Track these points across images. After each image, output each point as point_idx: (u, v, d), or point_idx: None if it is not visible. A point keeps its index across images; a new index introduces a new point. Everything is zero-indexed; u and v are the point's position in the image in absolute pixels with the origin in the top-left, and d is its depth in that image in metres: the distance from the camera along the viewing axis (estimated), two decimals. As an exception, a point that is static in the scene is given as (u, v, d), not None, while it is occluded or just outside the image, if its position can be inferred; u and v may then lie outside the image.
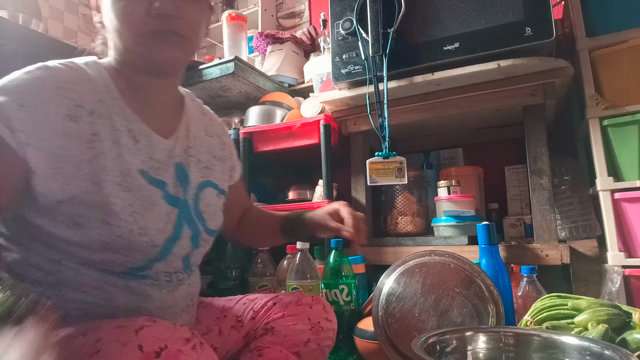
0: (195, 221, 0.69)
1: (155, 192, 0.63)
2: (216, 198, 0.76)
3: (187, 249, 0.68)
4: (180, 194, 0.67)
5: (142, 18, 0.59)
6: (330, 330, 0.82)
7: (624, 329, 0.74)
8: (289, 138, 1.47)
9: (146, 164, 0.63)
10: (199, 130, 0.76)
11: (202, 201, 0.71)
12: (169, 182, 0.65)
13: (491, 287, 0.92)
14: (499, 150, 1.59)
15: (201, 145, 0.75)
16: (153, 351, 0.45)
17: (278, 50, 1.89)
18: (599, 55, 1.16)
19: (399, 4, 1.19)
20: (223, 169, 0.81)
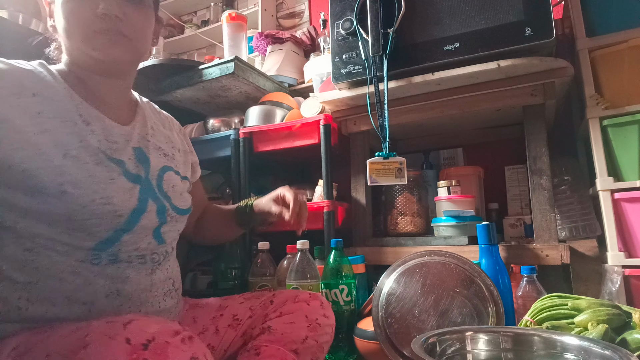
0: (160, 198, 0.73)
1: (114, 167, 0.67)
2: (180, 182, 0.81)
3: (154, 223, 0.71)
4: (142, 173, 0.72)
5: (89, 18, 0.66)
6: (328, 326, 0.82)
7: (624, 329, 0.74)
8: (289, 138, 1.47)
9: (102, 144, 0.68)
10: (156, 123, 0.83)
11: (166, 182, 0.76)
12: (127, 162, 0.70)
13: (491, 287, 0.92)
14: (499, 150, 1.59)
15: (160, 135, 0.81)
16: (140, 343, 0.45)
17: (278, 50, 1.89)
18: (599, 55, 1.16)
19: (399, 4, 1.19)
20: (185, 161, 0.87)
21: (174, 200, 0.76)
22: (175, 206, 0.76)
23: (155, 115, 0.86)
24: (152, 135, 0.78)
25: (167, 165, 0.78)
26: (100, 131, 0.68)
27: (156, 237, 0.72)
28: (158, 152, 0.78)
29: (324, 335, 0.81)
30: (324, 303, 0.85)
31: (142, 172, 0.72)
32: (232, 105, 1.79)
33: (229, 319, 0.81)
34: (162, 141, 0.81)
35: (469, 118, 1.38)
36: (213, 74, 1.55)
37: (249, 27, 1.97)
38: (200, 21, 2.69)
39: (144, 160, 0.73)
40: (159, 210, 0.72)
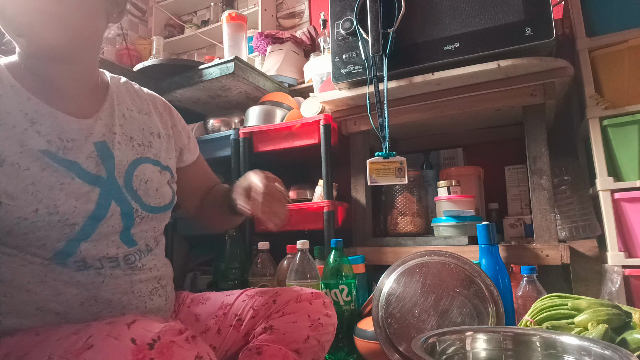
0: (126, 199, 0.68)
1: (64, 171, 0.61)
2: (157, 174, 0.74)
3: (118, 227, 0.66)
4: (104, 172, 0.66)
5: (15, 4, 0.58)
6: (330, 325, 0.82)
7: (624, 329, 0.74)
8: (289, 138, 1.47)
9: (52, 145, 0.62)
10: (130, 109, 0.76)
11: (137, 178, 0.70)
12: (83, 162, 0.64)
13: (491, 287, 0.92)
14: (499, 150, 1.59)
15: (133, 123, 0.74)
16: (146, 343, 0.45)
17: (278, 50, 1.89)
18: (599, 55, 1.16)
19: (399, 4, 1.19)
20: (168, 148, 0.80)
21: (146, 198, 0.71)
22: (147, 205, 0.71)
23: (131, 98, 0.78)
24: (121, 125, 0.72)
25: (140, 157, 0.72)
26: (49, 129, 0.62)
27: (125, 240, 0.68)
28: (128, 144, 0.71)
29: (326, 335, 0.80)
30: (327, 301, 0.84)
31: (103, 171, 0.66)
32: (232, 105, 1.79)
33: (231, 319, 0.80)
34: (135, 129, 0.74)
35: (469, 118, 1.38)
36: (213, 74, 1.55)
37: (249, 27, 1.97)
38: (200, 21, 2.69)
39: (107, 157, 0.67)
40: (124, 213, 0.67)
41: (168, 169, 0.78)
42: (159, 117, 0.81)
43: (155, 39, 2.34)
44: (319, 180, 1.47)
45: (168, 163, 0.79)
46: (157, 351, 0.45)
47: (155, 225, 0.75)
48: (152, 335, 0.46)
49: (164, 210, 0.75)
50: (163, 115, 0.83)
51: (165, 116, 0.84)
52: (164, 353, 0.45)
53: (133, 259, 0.69)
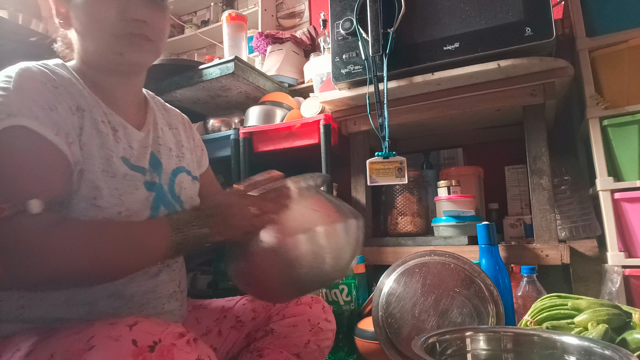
0: (172, 203, 0.72)
1: (137, 177, 0.66)
2: (190, 183, 0.79)
3: None
4: (156, 179, 0.70)
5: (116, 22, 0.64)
6: (330, 331, 0.82)
7: (624, 329, 0.74)
8: (289, 138, 1.47)
9: (127, 152, 0.67)
10: (163, 124, 0.80)
11: (177, 185, 0.75)
12: (146, 169, 0.69)
13: (491, 287, 0.92)
14: (499, 150, 1.59)
15: (169, 135, 0.79)
16: (147, 345, 0.45)
17: (278, 50, 1.89)
18: (599, 55, 1.16)
19: (399, 4, 1.19)
20: (192, 158, 0.85)
21: (185, 204, 0.75)
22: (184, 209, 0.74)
23: (163, 113, 0.84)
24: (162, 137, 0.77)
25: (179, 167, 0.77)
26: (124, 138, 0.67)
27: None
28: (169, 154, 0.76)
29: (325, 340, 0.81)
30: (326, 307, 0.85)
31: (156, 178, 0.70)
32: (232, 105, 1.79)
33: (232, 320, 0.80)
34: (171, 141, 0.79)
35: (469, 118, 1.38)
36: (213, 74, 1.55)
37: (249, 27, 1.97)
38: (200, 21, 2.69)
39: (157, 165, 0.72)
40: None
41: (196, 179, 0.82)
42: (183, 131, 0.86)
43: (155, 39, 2.34)
44: (319, 180, 1.47)
45: (196, 174, 0.83)
46: (157, 354, 0.45)
47: None
48: (153, 338, 0.46)
49: None
50: (186, 130, 0.88)
51: (188, 131, 0.88)
52: (164, 356, 0.45)
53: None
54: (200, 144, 0.92)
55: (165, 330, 0.48)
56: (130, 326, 0.47)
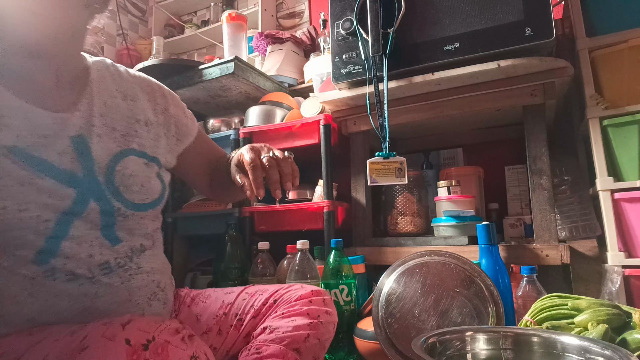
0: (106, 196, 0.64)
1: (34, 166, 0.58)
2: (144, 167, 0.70)
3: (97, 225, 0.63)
4: (79, 169, 0.62)
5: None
6: (330, 323, 0.81)
7: (624, 329, 0.74)
8: (289, 138, 1.47)
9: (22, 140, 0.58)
10: (113, 96, 0.71)
11: (119, 173, 0.66)
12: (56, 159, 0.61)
13: (491, 287, 0.92)
14: (499, 150, 1.59)
15: (116, 112, 0.70)
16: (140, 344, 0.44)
17: (278, 50, 1.89)
18: (599, 55, 1.16)
19: (399, 4, 1.19)
20: (157, 135, 0.75)
21: (130, 195, 0.66)
22: (131, 202, 0.67)
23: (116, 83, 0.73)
24: (102, 115, 0.67)
25: (124, 150, 0.68)
26: (20, 124, 0.59)
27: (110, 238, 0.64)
28: (110, 136, 0.67)
29: (326, 334, 0.80)
30: (327, 299, 0.84)
31: (79, 167, 0.62)
32: (232, 105, 1.79)
33: (232, 319, 0.80)
34: (118, 118, 0.69)
35: (469, 118, 1.38)
36: (213, 74, 1.55)
37: (249, 27, 1.97)
38: (200, 21, 2.69)
39: (84, 152, 0.63)
40: (104, 211, 0.63)
41: (155, 160, 0.73)
42: (148, 101, 0.76)
43: (155, 39, 2.34)
44: (319, 180, 1.47)
45: (156, 153, 0.74)
46: (151, 351, 0.44)
47: (146, 223, 0.71)
48: (147, 336, 0.45)
49: (153, 206, 0.71)
50: (153, 99, 0.77)
51: (158, 99, 0.78)
52: (159, 353, 0.45)
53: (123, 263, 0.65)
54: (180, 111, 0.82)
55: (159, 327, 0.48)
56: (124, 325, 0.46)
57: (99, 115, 0.67)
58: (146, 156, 0.71)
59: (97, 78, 0.70)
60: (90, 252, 0.62)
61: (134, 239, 0.68)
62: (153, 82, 0.81)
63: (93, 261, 0.62)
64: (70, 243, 0.60)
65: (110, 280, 0.63)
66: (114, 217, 0.65)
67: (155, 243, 0.74)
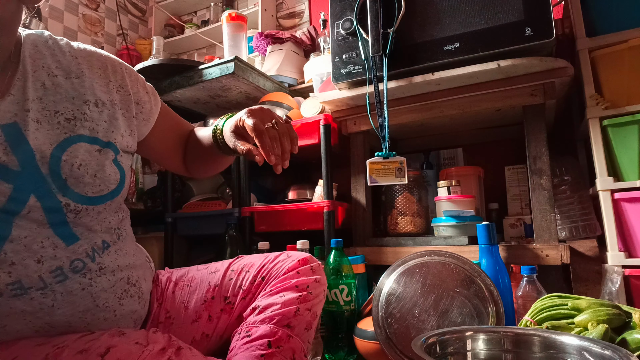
0: (50, 191, 0.56)
1: None
2: (96, 155, 0.61)
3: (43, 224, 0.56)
4: (14, 162, 0.54)
5: None
6: (321, 292, 0.79)
7: (624, 329, 0.74)
8: (289, 138, 1.47)
9: None
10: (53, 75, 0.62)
11: (66, 163, 0.58)
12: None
13: (491, 287, 0.92)
14: (499, 150, 1.59)
15: (57, 93, 0.61)
16: None
17: (278, 50, 1.89)
18: (599, 55, 1.16)
19: (399, 4, 1.19)
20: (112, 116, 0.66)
21: (80, 188, 0.58)
22: (83, 195, 0.59)
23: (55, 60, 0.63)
24: (40, 98, 0.59)
25: (70, 136, 0.59)
26: None
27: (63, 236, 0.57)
28: (52, 121, 0.58)
29: (317, 303, 0.77)
30: (314, 266, 0.81)
31: (14, 160, 0.54)
32: (232, 105, 1.79)
33: (220, 302, 0.77)
34: (61, 100, 0.60)
35: (469, 118, 1.38)
36: (213, 74, 1.55)
37: (249, 27, 1.97)
38: (200, 21, 2.69)
39: (20, 142, 0.55)
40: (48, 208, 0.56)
41: (111, 145, 0.64)
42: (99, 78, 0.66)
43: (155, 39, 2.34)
44: (319, 180, 1.47)
45: (111, 137, 0.64)
46: None
47: (107, 217, 0.64)
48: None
49: (111, 197, 0.63)
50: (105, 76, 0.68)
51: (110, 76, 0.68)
52: None
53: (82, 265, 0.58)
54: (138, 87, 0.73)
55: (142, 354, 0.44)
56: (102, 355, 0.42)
57: (36, 99, 0.58)
58: (99, 142, 0.62)
59: (32, 55, 0.61)
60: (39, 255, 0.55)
61: (94, 236, 0.61)
62: (104, 56, 0.70)
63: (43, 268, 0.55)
64: (14, 245, 0.53)
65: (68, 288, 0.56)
66: (62, 213, 0.57)
67: (122, 237, 0.68)
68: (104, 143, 0.63)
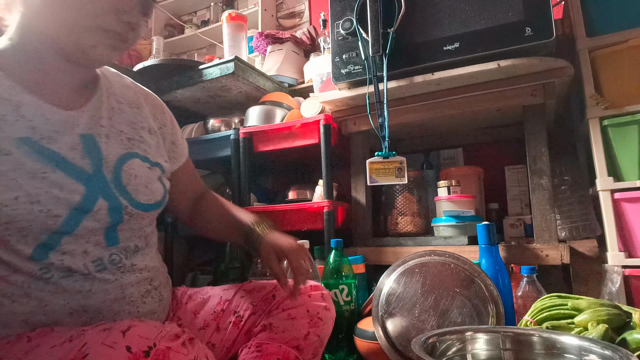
0: (114, 194, 0.65)
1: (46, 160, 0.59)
2: (147, 170, 0.72)
3: (104, 223, 0.64)
4: (90, 166, 0.64)
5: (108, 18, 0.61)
6: (330, 319, 0.81)
7: (624, 329, 0.74)
8: (289, 138, 1.47)
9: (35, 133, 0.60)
10: (120, 102, 0.74)
11: (126, 173, 0.68)
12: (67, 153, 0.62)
13: (491, 287, 0.92)
14: (499, 150, 1.59)
15: (122, 117, 0.72)
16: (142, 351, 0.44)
17: (278, 50, 1.89)
18: (599, 55, 1.16)
19: (399, 4, 1.19)
20: (158, 143, 0.78)
21: (136, 194, 0.68)
22: (137, 202, 0.68)
23: (122, 90, 0.76)
24: (110, 118, 0.70)
25: (129, 152, 0.70)
26: (33, 118, 0.60)
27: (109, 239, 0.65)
28: (117, 138, 0.69)
29: (325, 330, 0.80)
30: (325, 294, 0.83)
31: (89, 164, 0.63)
32: (232, 105, 1.79)
33: (230, 315, 0.79)
34: (124, 122, 0.72)
35: (469, 118, 1.38)
36: (213, 74, 1.55)
37: (249, 27, 1.97)
38: (200, 21, 2.69)
39: (94, 150, 0.65)
40: (112, 208, 0.64)
41: (158, 165, 0.76)
42: (150, 113, 0.79)
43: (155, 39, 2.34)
44: (319, 180, 1.47)
45: (158, 159, 0.76)
46: (153, 358, 0.44)
47: (145, 225, 0.72)
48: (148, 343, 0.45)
49: (156, 207, 0.73)
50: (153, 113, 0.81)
51: (157, 114, 0.81)
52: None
53: (118, 259, 0.66)
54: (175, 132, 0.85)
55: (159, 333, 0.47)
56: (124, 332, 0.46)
57: (107, 117, 0.70)
58: (149, 161, 0.73)
59: (106, 84, 0.74)
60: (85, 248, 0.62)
61: (130, 240, 0.69)
62: (156, 98, 0.85)
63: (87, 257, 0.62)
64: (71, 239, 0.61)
65: (104, 276, 0.63)
66: (121, 215, 0.66)
67: (149, 244, 0.75)
68: (153, 162, 0.74)
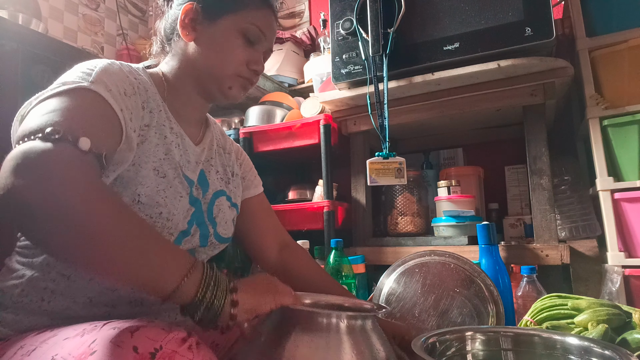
0: (206, 223, 0.73)
1: (185, 185, 0.69)
2: (228, 209, 0.80)
3: (194, 246, 0.71)
4: (200, 196, 0.73)
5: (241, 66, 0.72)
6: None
7: (624, 329, 0.74)
8: (289, 138, 1.47)
9: (182, 160, 0.70)
10: (219, 146, 0.85)
11: (217, 207, 0.76)
12: (194, 183, 0.72)
13: (491, 287, 0.92)
14: (499, 150, 1.59)
15: (220, 159, 0.83)
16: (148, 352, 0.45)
17: (278, 50, 1.89)
18: (599, 55, 1.16)
19: (399, 4, 1.19)
20: (238, 185, 0.87)
21: (219, 227, 0.76)
22: (218, 234, 0.76)
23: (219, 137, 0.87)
24: (214, 158, 0.80)
25: (221, 190, 0.79)
26: (184, 148, 0.71)
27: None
28: (216, 176, 0.79)
29: None
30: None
31: (200, 195, 0.73)
32: (232, 105, 1.79)
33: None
34: (220, 164, 0.82)
35: (469, 118, 1.38)
36: (213, 74, 1.55)
37: (249, 27, 1.97)
38: (200, 21, 2.69)
39: (204, 184, 0.75)
40: (202, 235, 0.72)
41: (236, 206, 0.84)
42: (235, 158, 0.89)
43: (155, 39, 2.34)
44: (319, 180, 1.47)
45: (237, 201, 0.85)
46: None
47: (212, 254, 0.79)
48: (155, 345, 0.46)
49: (227, 241, 0.80)
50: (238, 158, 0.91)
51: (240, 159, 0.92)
52: None
53: None
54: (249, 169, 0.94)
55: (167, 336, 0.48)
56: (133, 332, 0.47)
57: (213, 157, 0.80)
58: (231, 200, 0.81)
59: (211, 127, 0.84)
60: None
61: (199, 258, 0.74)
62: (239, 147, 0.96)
63: None
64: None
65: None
66: (207, 241, 0.73)
67: None
68: (233, 203, 0.82)
